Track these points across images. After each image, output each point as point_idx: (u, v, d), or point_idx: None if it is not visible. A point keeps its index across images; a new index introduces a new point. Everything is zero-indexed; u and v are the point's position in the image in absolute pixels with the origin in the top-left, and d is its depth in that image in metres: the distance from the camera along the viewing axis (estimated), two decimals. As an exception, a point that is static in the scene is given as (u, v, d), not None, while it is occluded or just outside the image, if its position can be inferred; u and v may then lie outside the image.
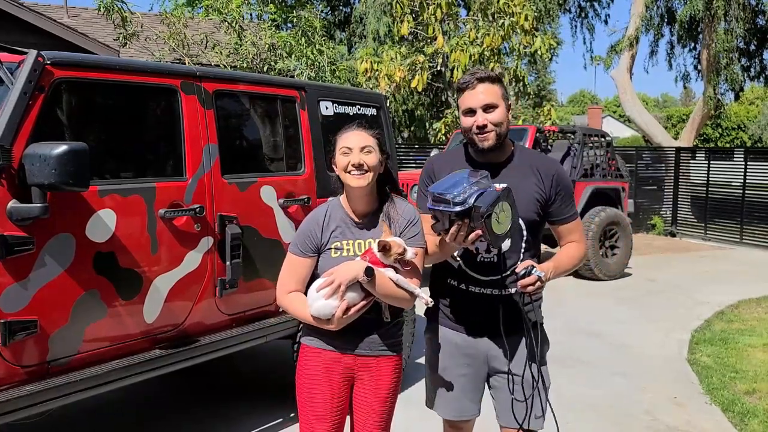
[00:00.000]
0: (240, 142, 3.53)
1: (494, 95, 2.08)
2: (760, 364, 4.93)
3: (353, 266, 1.94)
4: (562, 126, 9.71)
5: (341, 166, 2.03)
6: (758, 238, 11.29)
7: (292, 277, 2.08)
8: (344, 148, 2.03)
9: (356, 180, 2.00)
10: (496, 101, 2.08)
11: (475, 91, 2.08)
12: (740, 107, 33.21)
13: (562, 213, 2.20)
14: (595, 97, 49.93)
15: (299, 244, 2.07)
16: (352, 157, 2.00)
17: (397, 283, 2.00)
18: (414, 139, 14.94)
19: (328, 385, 2.08)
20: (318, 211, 2.10)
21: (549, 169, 2.18)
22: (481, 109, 2.08)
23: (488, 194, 1.83)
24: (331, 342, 2.07)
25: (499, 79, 2.14)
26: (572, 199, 2.25)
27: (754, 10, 13.98)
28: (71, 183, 2.32)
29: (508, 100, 2.14)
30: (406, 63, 10.88)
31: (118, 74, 2.79)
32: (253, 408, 3.95)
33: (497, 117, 2.08)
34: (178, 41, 10.18)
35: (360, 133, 2.05)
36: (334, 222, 2.06)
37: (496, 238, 1.87)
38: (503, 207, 1.86)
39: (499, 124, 2.08)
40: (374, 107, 4.31)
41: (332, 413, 2.08)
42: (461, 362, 2.25)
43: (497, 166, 2.15)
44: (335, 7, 19.33)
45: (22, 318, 2.39)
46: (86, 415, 3.86)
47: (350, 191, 2.06)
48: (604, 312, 6.62)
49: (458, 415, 2.32)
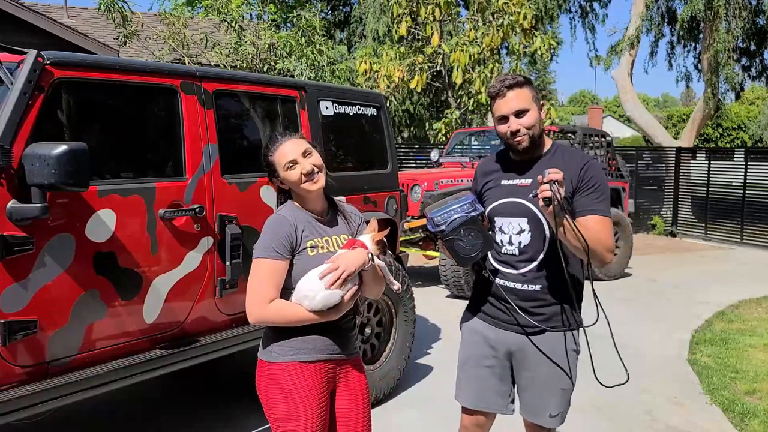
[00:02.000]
0: (240, 142, 3.52)
1: (524, 100, 2.16)
2: (760, 364, 4.93)
3: (357, 255, 1.95)
4: (562, 126, 9.71)
5: (293, 180, 2.01)
6: (758, 238, 11.29)
7: (270, 284, 1.94)
8: (287, 163, 2.01)
9: (315, 184, 2.02)
10: (527, 105, 2.16)
11: (506, 99, 2.16)
12: (740, 107, 33.19)
13: (585, 204, 2.14)
14: (595, 97, 49.96)
15: (276, 247, 1.95)
16: (302, 167, 2.00)
17: (382, 270, 2.07)
18: (414, 139, 14.95)
19: (318, 401, 1.97)
20: (279, 217, 2.03)
21: (582, 160, 2.22)
22: (513, 115, 2.16)
23: (458, 221, 2.09)
24: (316, 352, 1.98)
25: (529, 82, 2.20)
26: (602, 196, 2.17)
27: (754, 10, 13.97)
28: (71, 183, 2.31)
29: (539, 101, 2.22)
30: (405, 63, 10.88)
31: (117, 74, 2.79)
32: (253, 407, 3.94)
33: (529, 121, 2.16)
34: (177, 41, 10.18)
35: (291, 141, 2.05)
36: (301, 223, 2.02)
37: (460, 259, 2.13)
38: (468, 231, 2.08)
39: (531, 127, 2.17)
40: (374, 107, 4.31)
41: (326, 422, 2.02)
42: (486, 353, 2.31)
43: (530, 162, 2.26)
44: (335, 7, 19.33)
45: (22, 318, 2.39)
46: (86, 415, 3.86)
47: (306, 195, 2.05)
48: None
49: (475, 404, 2.34)
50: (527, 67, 16.76)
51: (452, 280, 6.82)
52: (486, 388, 2.31)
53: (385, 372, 3.95)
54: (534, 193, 2.02)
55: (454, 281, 6.81)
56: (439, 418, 3.76)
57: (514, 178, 2.26)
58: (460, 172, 7.77)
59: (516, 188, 2.24)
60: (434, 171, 8.16)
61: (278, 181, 2.08)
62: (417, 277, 8.27)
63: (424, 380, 4.44)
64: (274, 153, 2.05)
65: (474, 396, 2.34)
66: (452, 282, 6.83)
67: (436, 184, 7.37)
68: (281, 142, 2.05)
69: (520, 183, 2.24)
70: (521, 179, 2.25)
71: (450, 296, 7.09)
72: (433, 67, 11.42)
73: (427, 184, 7.33)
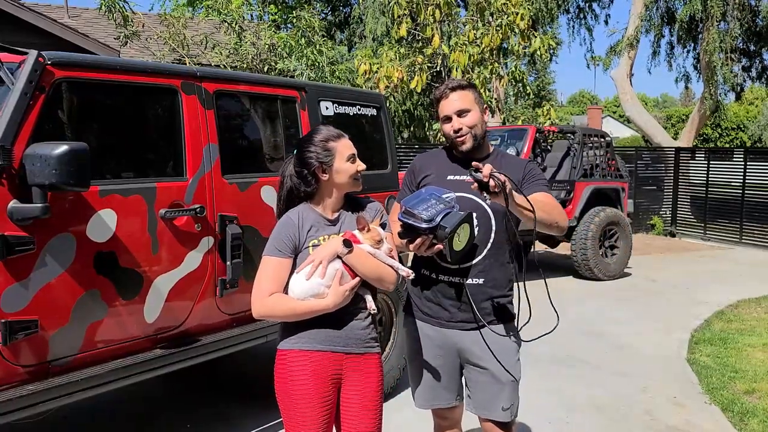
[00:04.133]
0: (240, 142, 3.53)
1: (467, 101, 2.27)
2: (759, 363, 4.93)
3: (331, 243, 2.03)
4: (561, 126, 9.71)
5: (351, 172, 2.11)
6: (758, 238, 11.30)
7: (271, 280, 2.03)
8: (351, 155, 2.12)
9: (359, 185, 2.15)
10: (469, 106, 2.27)
11: (449, 100, 2.28)
12: (740, 107, 33.23)
13: (531, 189, 2.24)
14: (594, 98, 49.96)
15: (277, 246, 2.06)
16: (358, 165, 2.13)
17: (376, 256, 2.05)
18: (414, 139, 14.95)
19: (316, 389, 2.03)
20: (290, 216, 2.11)
21: (520, 163, 2.38)
22: (456, 115, 2.27)
23: (453, 215, 2.04)
24: (317, 342, 2.05)
25: (472, 86, 2.33)
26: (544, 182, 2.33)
27: (753, 11, 13.98)
28: (72, 183, 2.32)
29: (482, 105, 2.32)
30: (405, 64, 10.88)
31: (118, 74, 2.80)
32: (253, 408, 3.96)
33: (471, 120, 2.27)
34: (178, 42, 10.19)
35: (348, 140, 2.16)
36: (308, 222, 2.09)
37: (455, 253, 2.08)
38: (464, 228, 2.07)
39: (473, 126, 2.27)
40: (374, 107, 4.32)
41: (321, 418, 2.04)
42: (434, 353, 2.34)
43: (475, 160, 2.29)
44: (335, 8, 19.33)
45: (23, 318, 2.40)
46: (86, 415, 3.86)
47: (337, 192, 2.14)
48: (604, 312, 6.62)
49: (431, 404, 2.40)
50: (527, 67, 16.77)
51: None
52: (438, 387, 2.37)
53: (385, 372, 3.94)
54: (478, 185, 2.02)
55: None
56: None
57: (459, 173, 2.31)
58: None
59: (464, 184, 2.25)
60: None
61: (324, 167, 2.08)
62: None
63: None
64: (337, 141, 2.12)
65: (429, 398, 2.40)
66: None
67: (436, 184, 7.36)
68: (343, 135, 2.14)
69: (468, 179, 2.23)
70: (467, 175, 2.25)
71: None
72: (433, 67, 11.42)
73: (426, 184, 7.32)
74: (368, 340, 2.13)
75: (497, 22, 10.58)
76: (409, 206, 2.05)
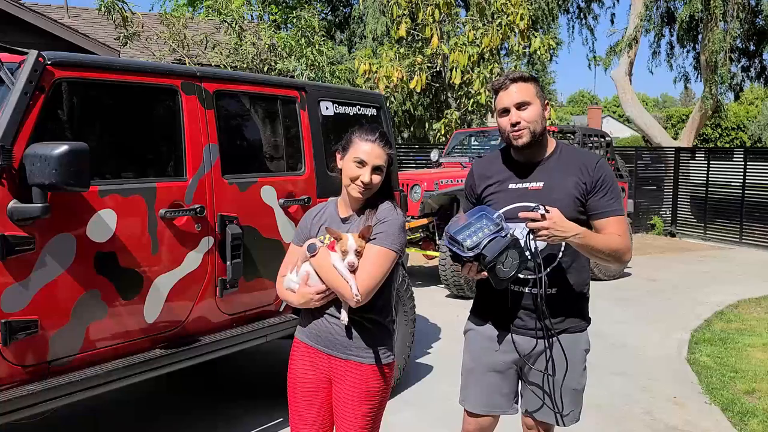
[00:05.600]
0: (240, 143, 3.53)
1: (527, 93, 2.13)
2: (759, 363, 4.93)
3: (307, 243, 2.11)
4: (561, 126, 9.71)
5: (349, 174, 2.04)
6: (758, 238, 11.30)
7: (285, 264, 2.22)
8: (359, 158, 2.03)
9: (358, 195, 2.06)
10: (530, 99, 2.13)
11: (508, 91, 2.14)
12: (740, 107, 33.21)
13: (601, 206, 2.13)
14: (594, 98, 49.94)
15: (296, 234, 2.25)
16: (363, 174, 2.02)
17: (336, 267, 2.00)
18: (414, 139, 14.94)
19: (312, 376, 2.13)
20: (315, 207, 2.27)
21: (591, 160, 2.19)
22: (515, 108, 2.12)
23: (496, 242, 1.95)
24: (306, 337, 2.17)
25: (534, 79, 2.19)
26: (616, 194, 2.17)
27: (753, 11, 13.98)
28: (72, 183, 2.32)
29: (544, 99, 2.18)
30: (404, 64, 10.88)
31: (118, 74, 2.79)
32: (253, 407, 3.96)
33: (530, 114, 2.12)
34: (178, 42, 10.20)
35: (378, 148, 2.05)
36: (325, 217, 2.18)
37: (500, 281, 2.01)
38: (510, 254, 1.97)
39: (532, 121, 2.12)
40: (374, 107, 4.32)
41: (318, 406, 2.13)
42: (497, 359, 2.26)
43: (535, 165, 2.20)
44: (336, 8, 19.32)
45: (23, 318, 2.39)
46: (86, 415, 3.86)
47: (349, 193, 2.11)
48: (604, 312, 6.62)
49: (486, 410, 2.31)
50: (527, 67, 16.75)
51: (452, 280, 6.83)
52: (494, 393, 2.28)
53: (385, 372, 3.96)
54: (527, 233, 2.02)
55: (453, 281, 6.82)
56: (438, 418, 3.77)
57: (521, 181, 2.20)
58: (459, 172, 7.78)
59: (527, 192, 2.17)
60: (434, 171, 8.17)
61: (341, 155, 2.10)
62: (417, 277, 8.27)
63: (424, 380, 4.44)
64: (360, 138, 2.06)
65: (483, 401, 2.30)
66: (452, 282, 6.84)
67: (436, 184, 7.38)
68: (373, 140, 2.05)
69: (530, 186, 2.18)
70: (530, 183, 2.18)
71: (450, 296, 7.10)
72: (432, 67, 11.43)
73: (426, 184, 7.34)
74: (353, 348, 2.07)
75: (497, 22, 10.58)
76: (453, 233, 2.00)
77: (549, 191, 2.14)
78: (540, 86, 2.19)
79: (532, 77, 2.18)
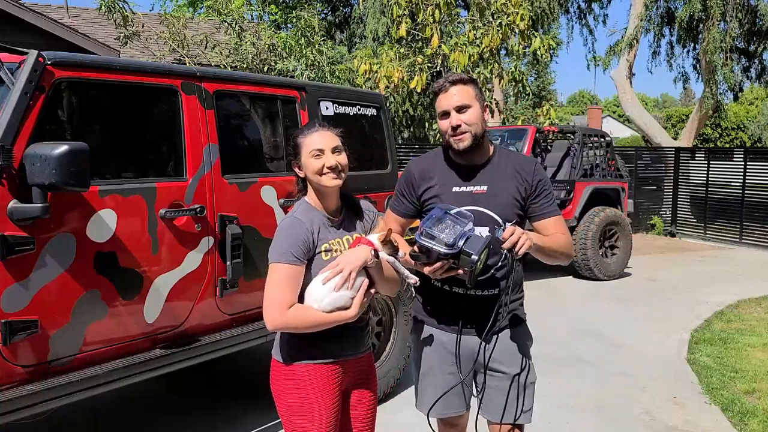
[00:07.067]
0: (240, 143, 3.53)
1: (467, 96, 2.13)
2: (759, 363, 4.93)
3: (358, 253, 1.95)
4: (561, 126, 9.71)
5: (314, 169, 1.98)
6: (758, 238, 11.30)
7: (288, 290, 1.91)
8: (315, 150, 1.98)
9: (333, 181, 1.98)
10: (469, 102, 2.13)
11: (448, 94, 2.14)
12: (740, 107, 33.22)
13: (542, 209, 2.20)
14: (594, 98, 49.91)
15: (294, 252, 1.91)
16: (327, 160, 1.97)
17: (393, 265, 2.03)
18: (414, 139, 14.94)
19: (327, 404, 1.97)
20: (296, 221, 1.98)
21: (528, 165, 2.23)
22: (455, 110, 2.12)
23: (475, 239, 1.94)
24: (327, 354, 1.98)
25: (473, 81, 2.19)
26: (552, 196, 2.26)
27: (753, 11, 13.97)
28: (72, 183, 2.32)
29: (483, 102, 2.18)
30: (404, 64, 10.88)
31: (118, 74, 2.79)
32: (253, 407, 3.96)
33: (470, 117, 2.12)
34: (178, 42, 10.20)
35: (326, 133, 2.02)
36: (316, 224, 1.99)
37: (475, 278, 2.00)
38: (486, 253, 1.97)
39: (472, 124, 2.12)
40: (374, 107, 4.32)
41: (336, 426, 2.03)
42: (448, 361, 2.26)
43: (476, 168, 2.21)
44: (336, 8, 19.32)
45: (23, 318, 2.39)
46: (86, 415, 3.86)
47: (323, 191, 2.02)
48: (604, 312, 6.62)
49: (444, 413, 2.33)
50: (527, 67, 16.77)
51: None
52: (450, 395, 2.27)
53: (385, 372, 3.96)
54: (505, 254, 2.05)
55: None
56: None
57: (464, 184, 2.18)
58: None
59: (472, 195, 2.17)
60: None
61: (297, 163, 2.04)
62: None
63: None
64: (305, 136, 2.02)
65: (442, 406, 2.30)
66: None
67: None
68: (316, 129, 2.02)
69: (475, 190, 2.18)
70: (474, 186, 2.18)
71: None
72: (432, 67, 11.42)
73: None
74: (366, 340, 2.15)
75: (497, 22, 10.58)
76: (428, 228, 1.94)
77: (493, 195, 2.16)
78: (479, 88, 2.20)
79: (471, 79, 2.18)
